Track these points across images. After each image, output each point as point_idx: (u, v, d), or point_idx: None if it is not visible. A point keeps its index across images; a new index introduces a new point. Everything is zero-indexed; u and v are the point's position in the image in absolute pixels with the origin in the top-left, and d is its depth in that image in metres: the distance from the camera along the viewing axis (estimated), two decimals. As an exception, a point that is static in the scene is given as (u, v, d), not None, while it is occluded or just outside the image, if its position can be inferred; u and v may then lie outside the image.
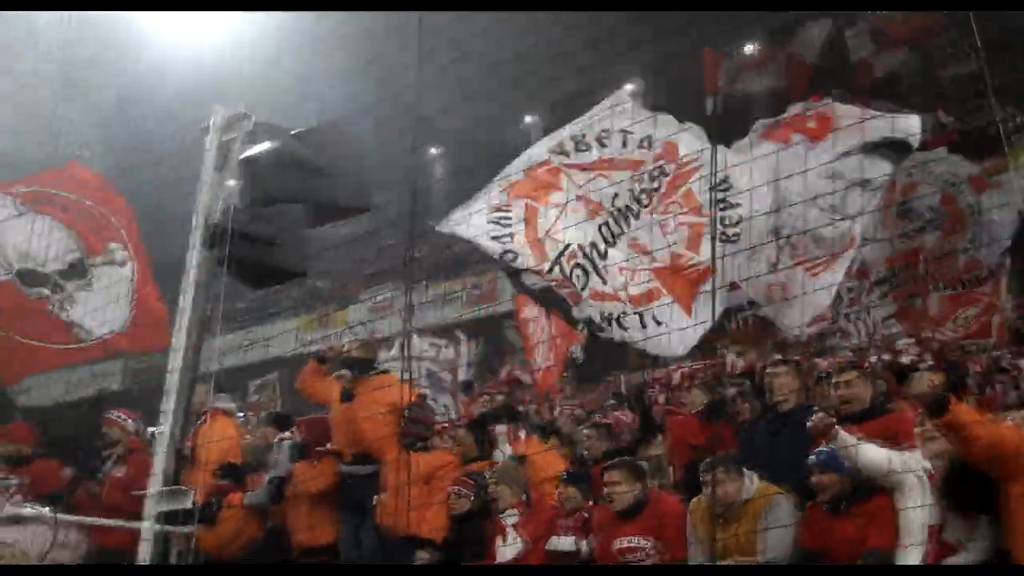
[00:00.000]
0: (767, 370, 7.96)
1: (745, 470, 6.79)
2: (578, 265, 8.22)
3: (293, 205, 6.42)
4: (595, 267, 8.28)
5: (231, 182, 6.34)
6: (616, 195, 8.54)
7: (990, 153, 18.19)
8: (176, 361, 6.09)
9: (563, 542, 7.48)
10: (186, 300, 6.21)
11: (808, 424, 6.48)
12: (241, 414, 21.82)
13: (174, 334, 6.15)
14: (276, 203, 6.36)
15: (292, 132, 6.53)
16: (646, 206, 8.51)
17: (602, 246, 8.35)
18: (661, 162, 8.55)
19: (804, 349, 12.39)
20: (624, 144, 8.70)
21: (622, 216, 8.48)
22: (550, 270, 8.15)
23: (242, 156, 6.35)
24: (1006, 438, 5.79)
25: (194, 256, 6.24)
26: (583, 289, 8.39)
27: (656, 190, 8.56)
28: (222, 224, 6.16)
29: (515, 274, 8.29)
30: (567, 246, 8.27)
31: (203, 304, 6.19)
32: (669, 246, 8.28)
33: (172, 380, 6.11)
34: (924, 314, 12.27)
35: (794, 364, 8.04)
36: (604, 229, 8.42)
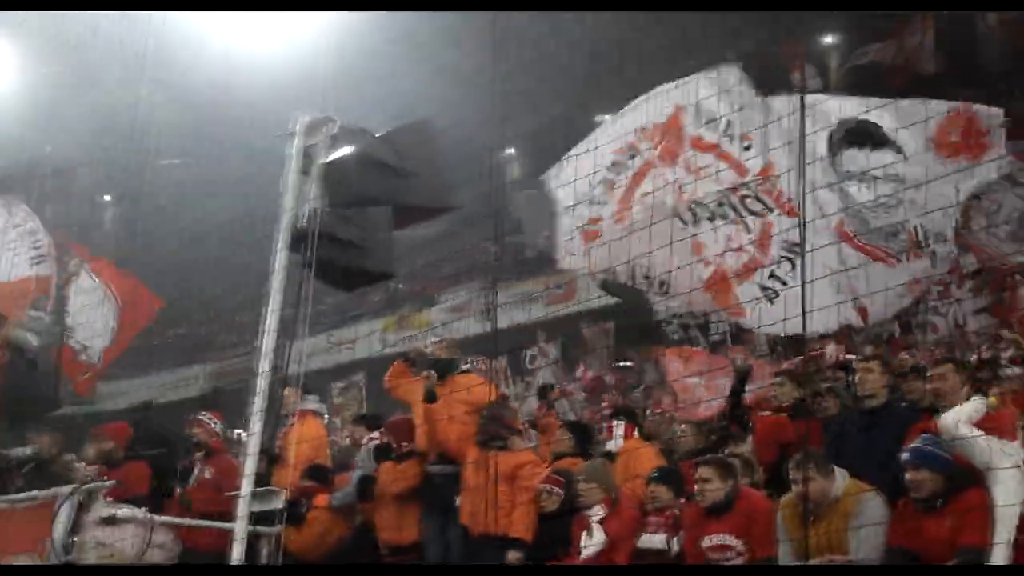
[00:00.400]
0: (855, 365, 7.83)
1: (835, 467, 6.68)
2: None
3: (377, 207, 6.46)
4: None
5: (315, 185, 6.39)
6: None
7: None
8: (263, 364, 6.16)
9: (653, 540, 7.46)
10: (272, 303, 6.27)
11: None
12: (326, 416, 22.18)
13: (261, 337, 6.22)
14: (360, 206, 6.40)
15: (376, 135, 6.57)
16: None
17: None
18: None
19: (894, 343, 12.20)
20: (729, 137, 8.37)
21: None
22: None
23: (326, 159, 6.40)
24: None
25: (279, 259, 6.30)
26: None
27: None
28: (307, 227, 6.22)
29: None
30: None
31: (288, 307, 6.25)
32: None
33: (259, 382, 6.17)
34: (1012, 308, 11.99)
35: (883, 359, 7.91)
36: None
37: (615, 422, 9.05)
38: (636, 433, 9.12)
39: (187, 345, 32.48)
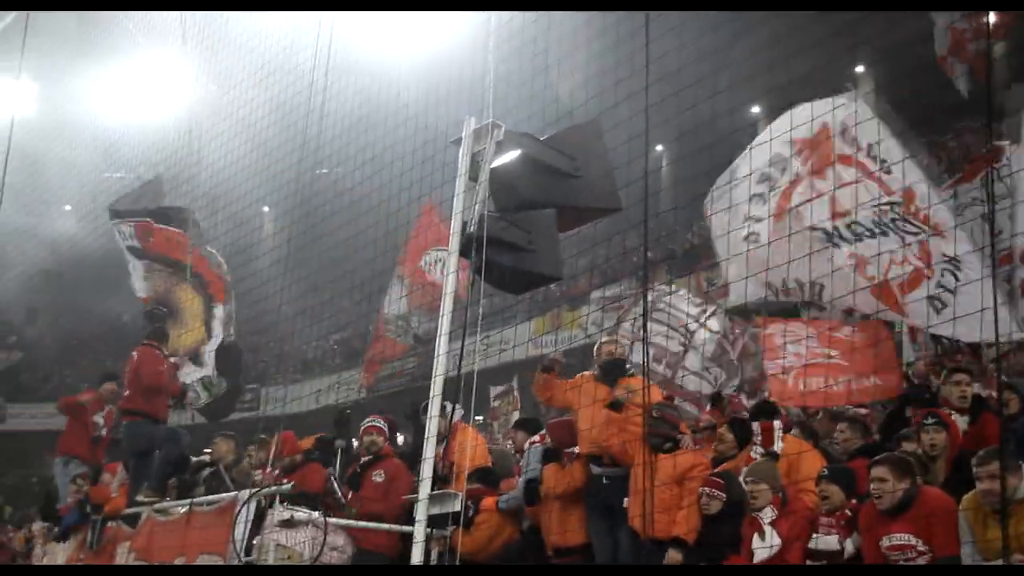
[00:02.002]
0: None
1: (1023, 464, 6.42)
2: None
3: (543, 211, 6.50)
4: None
5: (483, 190, 6.48)
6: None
7: None
8: (438, 366, 6.26)
9: (827, 541, 7.32)
10: (444, 306, 6.38)
11: None
12: (480, 417, 22.39)
13: (436, 340, 6.33)
14: (527, 209, 6.46)
15: (540, 138, 6.62)
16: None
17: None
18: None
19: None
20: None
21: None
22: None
23: (493, 165, 6.48)
24: None
25: (450, 263, 6.41)
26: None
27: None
28: (476, 232, 6.30)
29: None
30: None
31: (460, 310, 6.36)
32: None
33: (435, 385, 6.28)
34: None
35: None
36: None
37: (775, 423, 8.88)
38: (779, 431, 8.91)
39: (348, 350, 33.28)
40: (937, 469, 7.91)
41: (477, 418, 21.81)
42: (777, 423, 8.89)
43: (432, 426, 6.30)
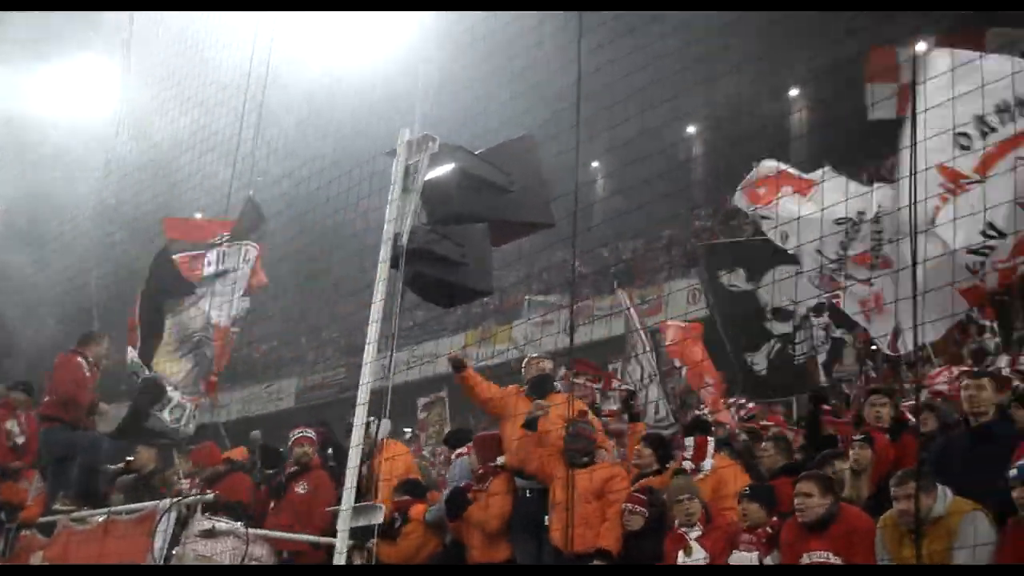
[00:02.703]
0: (965, 382, 7.65)
1: (939, 485, 6.54)
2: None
3: (477, 224, 6.50)
4: None
5: (417, 203, 6.47)
6: None
7: None
8: (365, 375, 6.23)
9: (746, 557, 7.40)
10: (373, 315, 6.36)
11: None
12: (408, 430, 22.31)
13: (365, 349, 6.30)
14: (459, 223, 6.46)
15: (475, 152, 6.63)
16: None
17: None
18: None
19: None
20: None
21: None
22: None
23: (427, 177, 6.48)
24: None
25: (380, 273, 6.38)
26: None
27: None
28: (407, 244, 6.29)
29: None
30: None
31: (388, 321, 6.34)
32: None
33: (361, 393, 6.25)
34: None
35: (993, 377, 7.76)
36: None
37: (709, 439, 8.96)
38: (712, 447, 9.00)
39: (276, 360, 33.06)
40: (861, 485, 8.04)
41: (405, 430, 21.75)
42: (711, 439, 9.00)
43: (356, 436, 6.26)
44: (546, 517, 8.57)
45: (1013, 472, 6.22)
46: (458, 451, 9.95)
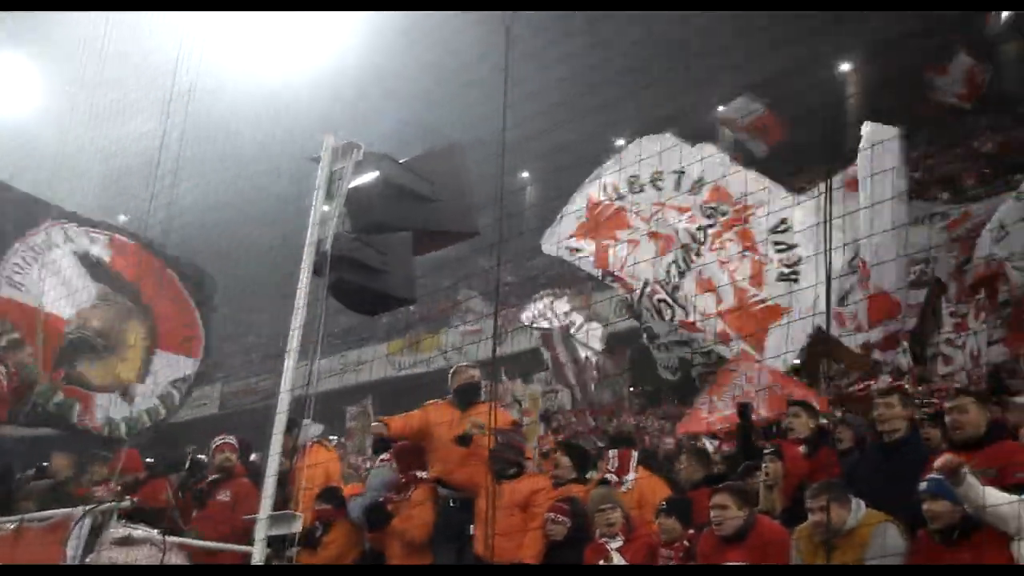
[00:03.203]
0: (876, 399, 7.82)
1: (853, 498, 6.67)
2: (662, 300, 9.04)
3: (401, 232, 6.50)
4: (675, 300, 9.03)
5: (340, 210, 6.44)
6: (677, 232, 9.33)
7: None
8: (285, 383, 6.18)
9: None
10: (295, 321, 6.32)
11: (936, 464, 6.26)
12: (334, 438, 22.16)
13: (286, 355, 6.25)
14: (382, 231, 6.44)
15: (400, 160, 6.63)
16: (702, 243, 9.27)
17: (676, 279, 9.18)
18: (714, 202, 9.35)
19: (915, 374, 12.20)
20: (677, 186, 9.55)
21: (687, 252, 9.24)
22: (636, 305, 9.09)
23: (350, 185, 6.46)
24: None
25: (303, 280, 6.35)
26: (672, 320, 9.06)
27: (711, 227, 9.24)
28: (329, 251, 6.26)
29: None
30: (645, 283, 9.14)
31: (309, 328, 6.30)
32: (733, 283, 8.94)
33: (281, 401, 6.20)
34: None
35: (903, 392, 7.93)
36: (672, 266, 9.20)
37: (633, 452, 9.03)
38: (635, 460, 9.08)
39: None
40: (774, 498, 8.16)
41: (331, 437, 21.59)
42: (635, 452, 9.08)
43: (276, 443, 6.21)
44: (471, 527, 8.56)
45: (923, 485, 6.36)
46: (381, 458, 9.87)
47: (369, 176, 6.47)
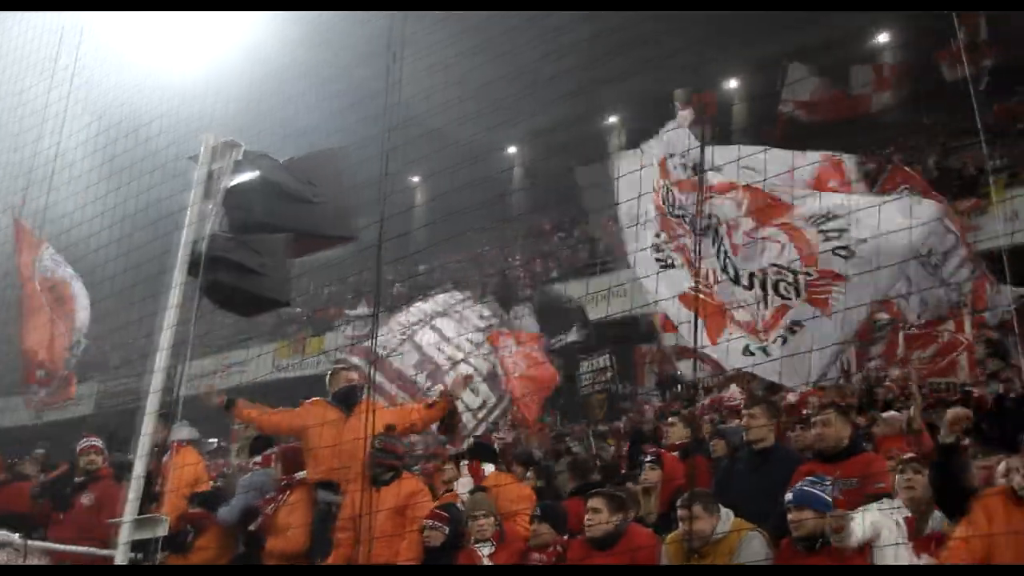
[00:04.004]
0: (744, 409, 8.01)
1: (721, 506, 6.80)
2: None
3: (277, 234, 6.41)
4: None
5: (217, 209, 6.34)
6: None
7: (968, 194, 18.58)
8: (155, 382, 6.06)
9: None
10: (167, 320, 6.19)
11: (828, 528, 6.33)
12: (215, 440, 21.80)
13: (155, 355, 6.12)
14: (259, 232, 6.35)
15: (280, 161, 6.54)
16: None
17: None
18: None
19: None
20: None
21: None
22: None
23: (229, 184, 6.36)
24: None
25: (175, 279, 6.23)
26: None
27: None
28: (205, 251, 6.16)
29: None
30: None
31: (182, 328, 6.18)
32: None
33: (149, 402, 6.07)
34: (892, 352, 12.29)
35: (769, 404, 8.12)
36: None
37: (484, 466, 9.12)
38: (488, 471, 9.13)
39: (79, 363, 31.67)
40: (651, 505, 8.29)
41: (211, 440, 21.23)
42: (489, 466, 9.13)
43: (144, 445, 6.06)
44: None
45: (789, 496, 6.54)
46: (254, 460, 9.72)
47: (248, 175, 6.38)
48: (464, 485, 8.97)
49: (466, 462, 8.94)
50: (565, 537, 7.56)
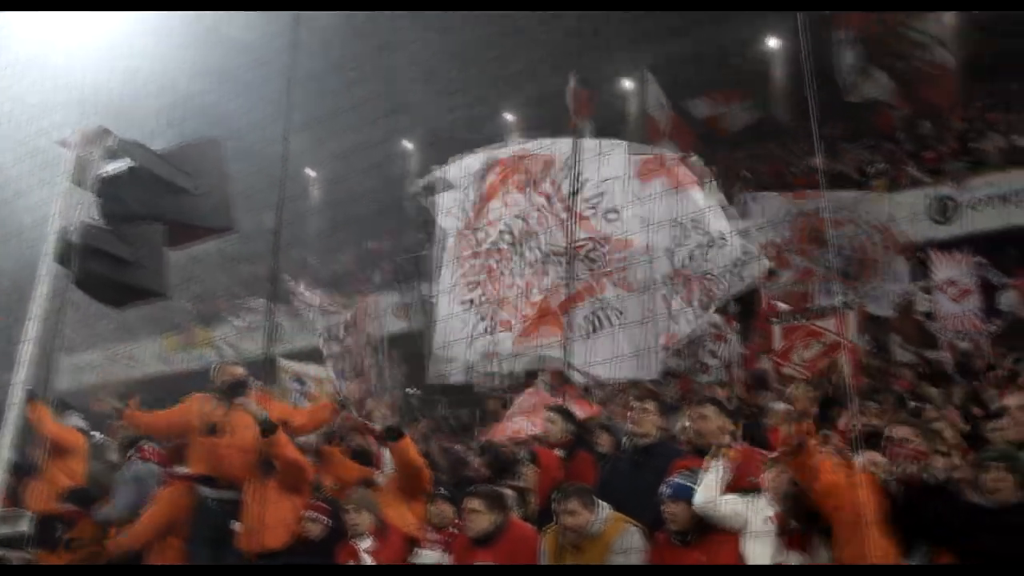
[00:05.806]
0: (631, 405, 8.09)
1: (598, 501, 6.88)
2: None
3: (151, 225, 6.29)
4: None
5: (88, 198, 6.19)
6: None
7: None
8: (20, 373, 5.90)
9: (428, 556, 7.58)
10: (33, 311, 6.04)
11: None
12: (96, 434, 21.26)
13: (21, 346, 5.96)
14: (133, 221, 6.22)
15: (156, 151, 6.41)
16: None
17: None
18: None
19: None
20: None
21: None
22: None
23: (101, 172, 6.22)
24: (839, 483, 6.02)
25: (44, 268, 6.07)
26: None
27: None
28: (76, 240, 6.01)
29: None
30: None
31: (52, 319, 6.04)
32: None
33: (16, 394, 5.91)
34: (769, 347, 12.52)
35: (660, 400, 8.23)
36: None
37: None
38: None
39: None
40: (530, 501, 8.34)
41: (94, 434, 20.70)
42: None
43: (6, 437, 5.90)
44: (233, 523, 8.35)
45: (662, 489, 6.65)
46: (128, 454, 9.48)
47: (122, 164, 6.25)
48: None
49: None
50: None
